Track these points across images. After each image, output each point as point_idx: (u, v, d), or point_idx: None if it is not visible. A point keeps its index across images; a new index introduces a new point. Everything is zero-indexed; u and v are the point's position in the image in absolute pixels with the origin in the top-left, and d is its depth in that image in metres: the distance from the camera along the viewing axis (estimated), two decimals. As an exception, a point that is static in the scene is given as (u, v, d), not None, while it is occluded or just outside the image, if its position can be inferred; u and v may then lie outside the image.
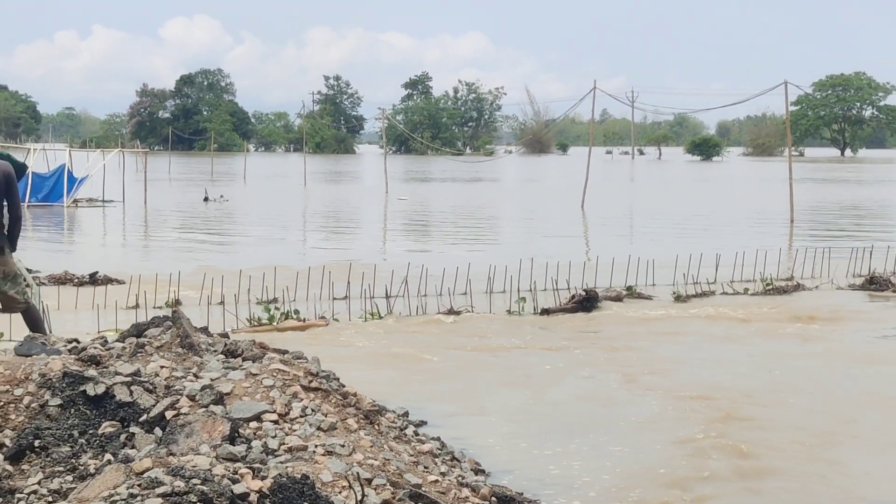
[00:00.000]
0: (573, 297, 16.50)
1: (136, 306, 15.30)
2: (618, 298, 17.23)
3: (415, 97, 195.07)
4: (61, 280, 19.01)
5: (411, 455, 7.39)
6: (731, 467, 8.59)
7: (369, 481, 6.37)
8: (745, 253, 20.81)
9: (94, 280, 19.08)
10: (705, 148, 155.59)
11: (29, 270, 10.68)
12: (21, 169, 11.44)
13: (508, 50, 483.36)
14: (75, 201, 44.36)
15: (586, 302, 16.31)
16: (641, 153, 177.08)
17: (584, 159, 46.94)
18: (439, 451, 7.95)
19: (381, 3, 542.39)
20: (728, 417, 10.08)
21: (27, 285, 10.32)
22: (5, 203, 10.01)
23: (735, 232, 33.63)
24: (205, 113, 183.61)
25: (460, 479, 7.46)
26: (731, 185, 71.51)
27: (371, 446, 6.99)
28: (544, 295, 17.07)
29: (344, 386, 8.22)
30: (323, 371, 8.20)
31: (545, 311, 15.94)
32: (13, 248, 10.07)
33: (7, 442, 6.92)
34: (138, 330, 8.73)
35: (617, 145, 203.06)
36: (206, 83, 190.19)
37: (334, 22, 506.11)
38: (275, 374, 7.69)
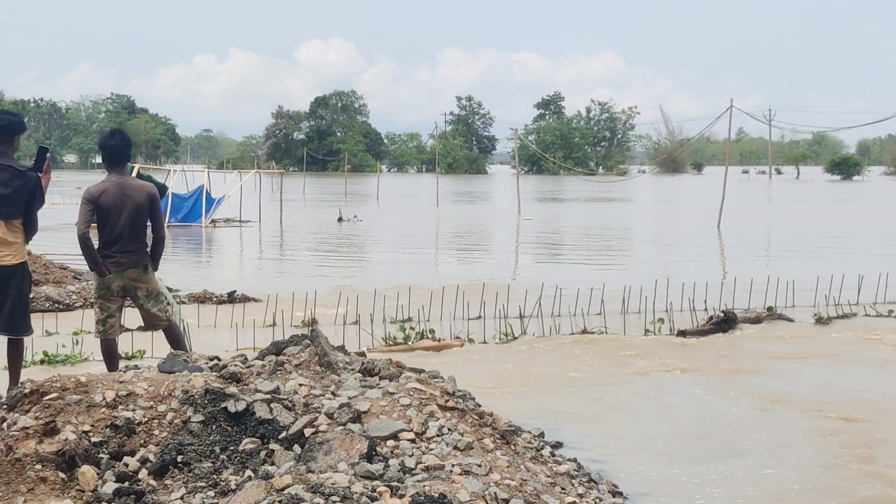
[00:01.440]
0: (711, 318, 16.24)
1: (274, 325, 15.50)
2: (757, 320, 16.88)
3: (547, 117, 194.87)
4: (201, 298, 19.38)
5: (548, 476, 7.33)
6: (885, 497, 8.31)
7: (506, 502, 6.32)
8: (890, 274, 20.25)
9: (232, 299, 19.41)
10: (845, 167, 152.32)
11: (169, 289, 10.89)
12: (162, 190, 11.69)
13: (642, 69, 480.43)
14: (213, 221, 45.27)
15: (724, 323, 16.03)
16: (779, 172, 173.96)
17: (720, 179, 46.34)
18: (576, 473, 7.86)
19: (513, 24, 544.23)
20: (877, 443, 9.79)
21: (168, 303, 10.52)
22: (149, 223, 10.22)
23: (877, 253, 32.78)
24: (338, 134, 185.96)
25: (598, 501, 7.38)
26: (873, 206, 69.79)
27: (508, 466, 6.94)
28: (681, 316, 16.83)
29: (480, 405, 8.20)
30: (459, 390, 8.18)
31: (682, 333, 15.71)
32: (155, 267, 10.27)
33: (151, 457, 7.04)
34: (277, 348, 8.82)
35: (753, 164, 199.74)
36: (339, 105, 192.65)
37: (466, 43, 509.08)
38: (411, 392, 7.70)
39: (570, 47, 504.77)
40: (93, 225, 10.07)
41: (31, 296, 9.97)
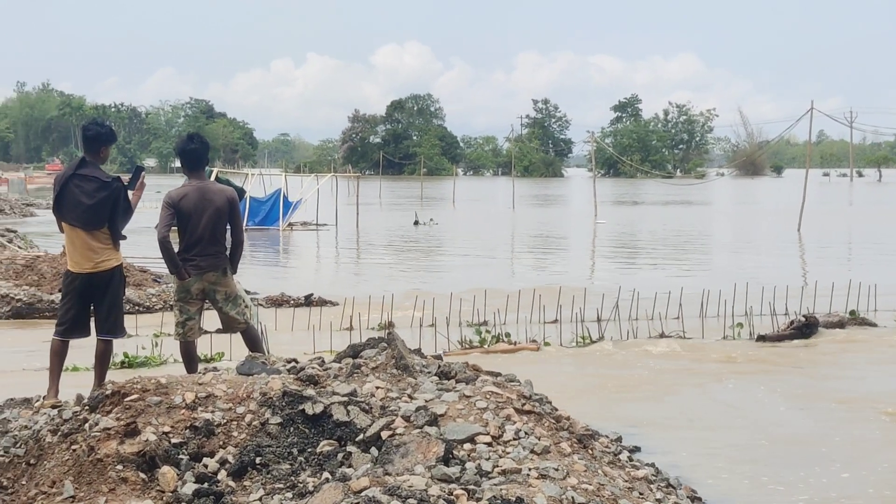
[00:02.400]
0: (791, 322, 16.02)
1: (350, 328, 15.57)
2: (839, 325, 16.62)
3: (624, 119, 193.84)
4: (278, 302, 19.52)
5: (626, 481, 7.27)
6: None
7: (584, 506, 6.28)
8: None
9: (309, 302, 19.53)
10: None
11: (247, 292, 10.96)
12: (240, 193, 11.77)
13: (721, 71, 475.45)
14: (290, 225, 45.60)
15: (805, 328, 15.80)
16: (860, 175, 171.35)
17: (800, 182, 45.77)
18: (654, 478, 7.80)
19: (590, 27, 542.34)
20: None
21: (246, 306, 10.59)
22: (229, 226, 10.30)
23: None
24: (414, 138, 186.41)
25: (676, 506, 7.31)
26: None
27: (585, 471, 6.90)
28: (760, 321, 16.64)
29: (556, 409, 8.16)
30: (535, 394, 8.15)
31: (762, 338, 15.51)
32: (234, 271, 10.35)
33: (230, 458, 7.09)
34: (354, 351, 8.84)
35: (834, 167, 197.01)
36: (416, 108, 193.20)
37: (543, 46, 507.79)
38: (488, 396, 7.68)
39: (647, 49, 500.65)
40: (173, 229, 10.18)
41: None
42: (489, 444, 7.04)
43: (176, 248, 10.22)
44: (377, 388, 7.88)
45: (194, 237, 10.05)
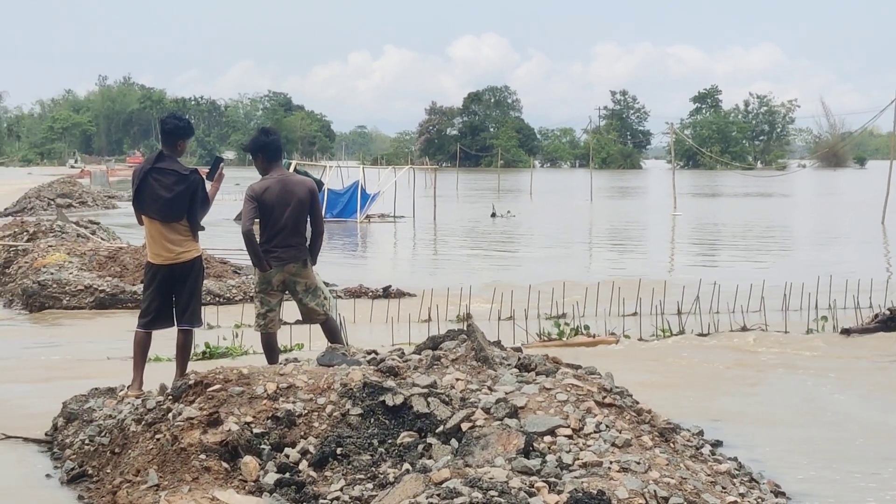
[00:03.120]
0: (876, 315, 15.75)
1: (429, 320, 15.57)
2: (924, 318, 16.30)
3: (703, 111, 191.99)
4: (356, 293, 19.60)
5: (708, 475, 7.20)
6: None
7: (666, 500, 6.23)
8: None
9: (387, 293, 19.59)
10: None
11: (326, 284, 11.00)
12: (318, 186, 11.81)
13: (802, 61, 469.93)
14: (368, 217, 45.75)
15: (891, 321, 15.51)
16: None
17: (884, 173, 45.01)
18: (737, 472, 7.71)
19: (669, 17, 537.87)
20: None
21: (325, 298, 10.63)
22: (308, 217, 10.35)
23: None
24: (491, 130, 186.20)
25: (759, 501, 7.22)
26: None
27: (667, 464, 6.84)
28: (844, 314, 16.38)
29: (637, 402, 8.10)
30: (616, 387, 8.09)
31: (846, 331, 15.27)
32: (314, 262, 10.40)
33: (311, 449, 7.14)
34: (434, 342, 8.85)
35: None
36: (493, 100, 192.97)
37: (621, 37, 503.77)
38: (568, 388, 7.65)
39: (727, 40, 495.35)
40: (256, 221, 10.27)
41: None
42: (570, 437, 7.02)
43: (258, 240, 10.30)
44: (457, 379, 7.88)
45: (276, 229, 10.11)
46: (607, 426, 7.18)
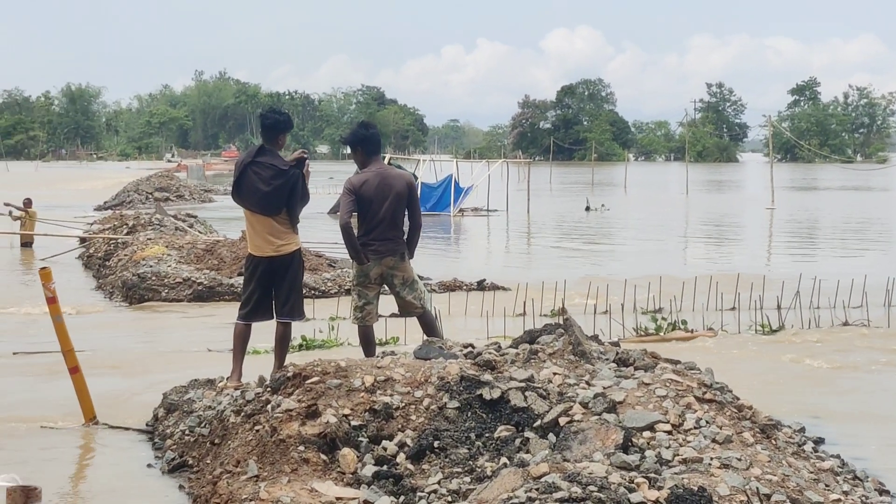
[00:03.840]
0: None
1: (524, 314, 15.52)
2: None
3: (802, 103, 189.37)
4: (451, 287, 19.61)
5: (811, 472, 7.07)
6: None
7: (768, 497, 6.13)
8: None
9: (481, 287, 19.57)
10: None
11: (420, 277, 11.01)
12: (411, 179, 11.79)
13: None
14: (461, 211, 45.80)
15: None
16: None
17: None
18: (840, 470, 7.56)
19: (766, 9, 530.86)
20: None
21: (422, 291, 10.64)
22: (406, 211, 10.36)
23: None
24: (585, 123, 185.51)
25: (864, 499, 7.08)
26: None
27: (768, 461, 6.73)
28: (949, 309, 16.01)
29: (738, 398, 7.98)
30: (716, 382, 7.99)
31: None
32: (411, 255, 10.41)
33: (409, 442, 7.14)
34: (531, 336, 8.82)
35: None
36: (586, 93, 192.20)
37: (717, 28, 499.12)
38: (667, 384, 7.56)
39: (826, 32, 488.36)
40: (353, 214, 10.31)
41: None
42: (669, 433, 6.95)
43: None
44: (554, 374, 7.84)
45: (374, 222, 10.14)
46: (707, 422, 7.09)
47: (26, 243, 28.77)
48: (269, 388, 7.97)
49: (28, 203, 29.65)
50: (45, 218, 31.46)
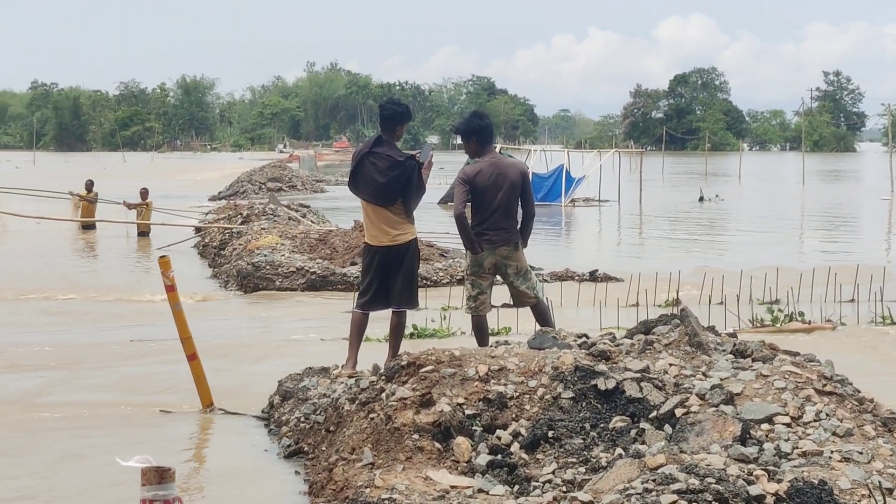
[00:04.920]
0: None
1: (637, 304, 15.40)
2: None
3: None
4: (563, 277, 19.54)
5: (934, 468, 6.89)
6: None
7: (890, 491, 6.01)
8: None
9: (593, 277, 19.46)
10: None
11: (532, 268, 10.98)
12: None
13: None
14: (573, 201, 45.62)
15: None
16: None
17: None
18: (966, 466, 7.36)
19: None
20: None
21: (535, 281, 10.61)
22: (520, 200, 10.34)
23: None
24: (698, 112, 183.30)
25: None
26: None
27: (891, 455, 6.58)
28: None
29: (859, 391, 7.81)
30: (836, 375, 7.82)
31: None
32: (525, 244, 10.38)
33: (523, 431, 7.13)
34: (646, 327, 8.73)
35: None
36: (699, 82, 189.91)
37: (835, 16, 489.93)
38: (786, 376, 7.43)
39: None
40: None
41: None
42: (788, 425, 6.83)
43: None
44: (670, 364, 7.76)
45: (488, 212, 10.14)
46: (827, 415, 6.95)
47: (143, 232, 29.38)
48: (383, 377, 8.01)
49: (144, 193, 30.25)
50: (160, 207, 32.08)
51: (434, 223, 28.48)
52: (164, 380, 11.28)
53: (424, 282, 18.21)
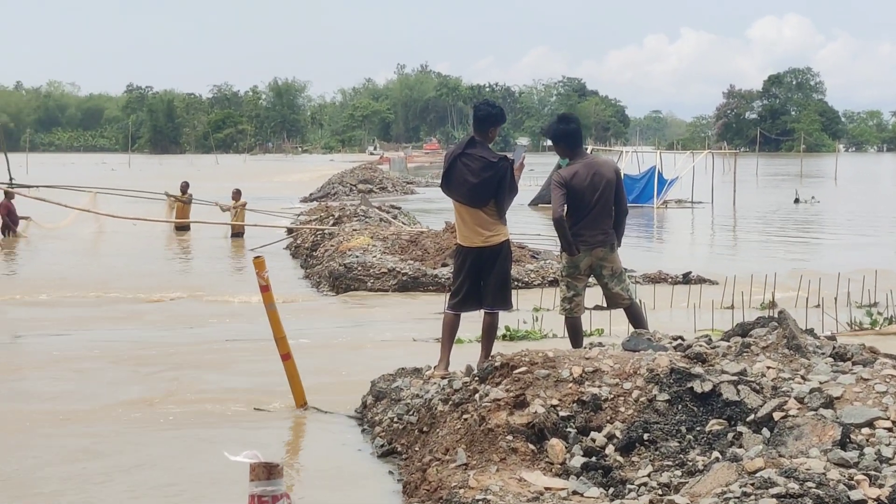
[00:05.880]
0: None
1: (732, 307, 15.21)
2: None
3: None
4: (655, 279, 19.37)
5: None
6: None
7: None
8: None
9: (687, 280, 19.27)
10: None
11: (624, 269, 10.91)
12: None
13: None
14: (665, 202, 45.24)
15: None
16: None
17: None
18: None
19: None
20: None
21: (629, 283, 10.53)
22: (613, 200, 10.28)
23: None
24: (793, 113, 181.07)
25: None
26: None
27: None
28: None
29: (964, 396, 7.64)
30: (939, 380, 7.65)
31: None
32: (619, 244, 10.31)
33: (618, 433, 7.08)
34: (743, 329, 8.62)
35: None
36: (794, 82, 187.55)
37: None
38: (887, 379, 7.29)
39: None
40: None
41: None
42: (889, 430, 6.70)
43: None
44: (768, 367, 7.65)
45: (584, 213, 10.10)
46: (930, 420, 6.81)
47: (237, 233, 29.72)
48: (476, 378, 8.00)
49: (237, 194, 30.59)
50: (253, 209, 32.43)
51: (525, 225, 28.44)
52: (258, 379, 11.38)
53: (516, 283, 18.15)
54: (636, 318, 10.30)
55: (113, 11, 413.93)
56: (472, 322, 10.71)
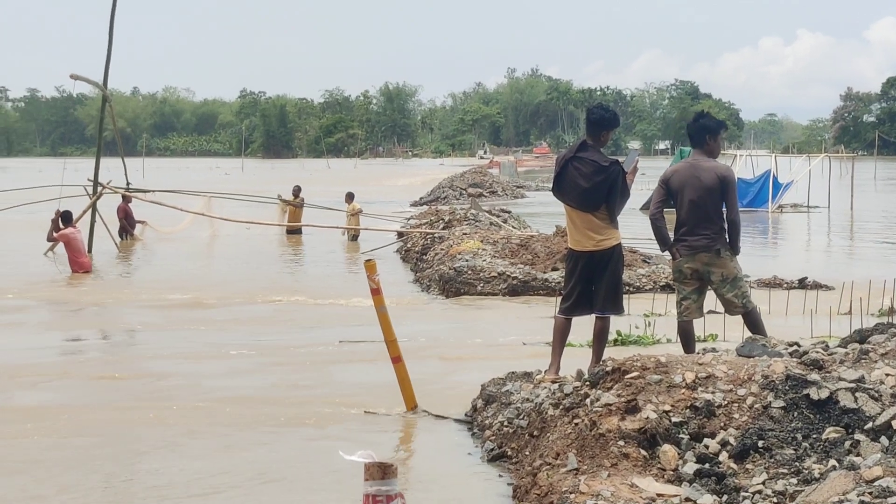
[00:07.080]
0: None
1: (850, 313, 14.90)
2: None
3: None
4: (770, 284, 19.07)
5: None
6: None
7: None
8: None
9: (802, 285, 18.96)
10: None
11: (739, 276, 10.71)
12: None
13: None
14: (780, 207, 44.55)
15: None
16: None
17: None
18: None
19: None
20: None
21: (745, 289, 10.34)
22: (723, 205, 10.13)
23: None
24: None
25: None
26: None
27: None
28: None
29: None
30: None
31: None
32: (735, 252, 10.12)
33: (731, 440, 6.97)
34: (861, 336, 8.43)
35: None
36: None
37: None
38: None
39: None
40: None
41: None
42: None
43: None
44: (887, 375, 7.47)
45: (683, 215, 10.01)
46: None
47: (354, 236, 30.03)
48: (587, 382, 7.95)
49: (350, 197, 30.87)
50: (365, 213, 32.69)
51: (637, 229, 28.17)
52: (368, 381, 11.46)
53: (627, 288, 17.99)
54: (754, 324, 10.12)
55: (227, 18, 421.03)
56: (583, 326, 10.65)
